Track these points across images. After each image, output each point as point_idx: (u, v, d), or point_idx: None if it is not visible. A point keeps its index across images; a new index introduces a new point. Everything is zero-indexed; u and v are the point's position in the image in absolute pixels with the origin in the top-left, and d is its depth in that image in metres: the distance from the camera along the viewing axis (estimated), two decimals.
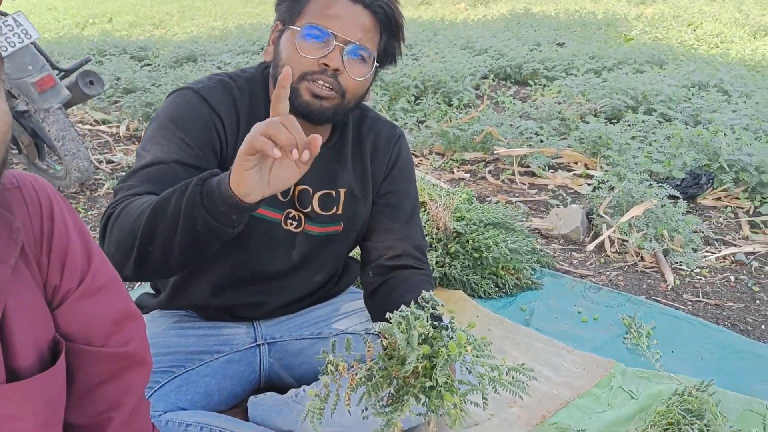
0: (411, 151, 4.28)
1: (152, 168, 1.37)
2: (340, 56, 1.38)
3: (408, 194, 1.68)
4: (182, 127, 1.41)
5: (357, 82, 1.42)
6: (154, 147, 1.40)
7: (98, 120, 4.98)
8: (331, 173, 1.58)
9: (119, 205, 1.30)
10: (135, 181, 1.37)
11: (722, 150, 3.62)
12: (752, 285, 2.66)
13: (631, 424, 1.79)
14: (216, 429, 1.45)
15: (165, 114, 1.44)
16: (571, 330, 2.29)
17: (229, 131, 1.46)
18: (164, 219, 1.21)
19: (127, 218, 1.26)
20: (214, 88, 1.47)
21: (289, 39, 1.41)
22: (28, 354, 0.86)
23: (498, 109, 5.39)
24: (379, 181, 1.65)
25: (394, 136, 1.67)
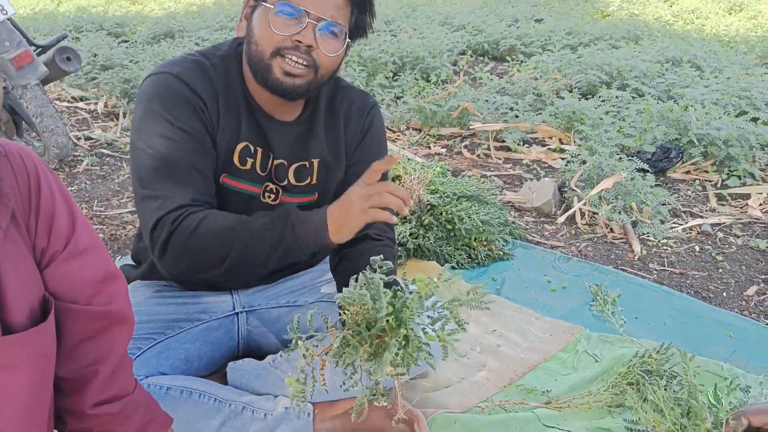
0: (389, 127, 4.35)
1: (169, 169, 1.41)
2: (312, 33, 1.41)
3: None
4: (177, 117, 1.43)
5: (330, 58, 1.46)
6: (158, 143, 1.42)
7: (76, 97, 4.96)
8: (304, 145, 1.62)
9: (183, 220, 1.38)
10: (160, 185, 1.41)
11: (692, 124, 3.71)
12: (716, 255, 2.76)
13: (594, 384, 1.88)
14: (196, 392, 1.51)
15: (152, 101, 1.45)
16: (540, 298, 2.38)
17: (211, 112, 1.48)
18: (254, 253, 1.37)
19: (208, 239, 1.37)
20: (191, 70, 1.48)
21: (261, 16, 1.44)
22: (20, 310, 0.91)
23: (475, 85, 5.44)
24: (352, 149, 1.68)
25: (367, 105, 1.70)
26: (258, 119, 1.55)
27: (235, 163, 1.53)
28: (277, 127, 1.57)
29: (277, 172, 1.60)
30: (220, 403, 1.52)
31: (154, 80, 1.47)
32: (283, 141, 1.58)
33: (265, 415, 1.55)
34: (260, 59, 1.43)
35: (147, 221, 1.42)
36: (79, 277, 1.01)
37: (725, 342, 2.11)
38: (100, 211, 2.99)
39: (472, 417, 1.70)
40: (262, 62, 1.43)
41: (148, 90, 1.47)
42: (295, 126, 1.59)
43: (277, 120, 1.57)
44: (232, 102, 1.52)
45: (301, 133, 1.61)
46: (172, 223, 1.38)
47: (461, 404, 1.77)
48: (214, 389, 1.55)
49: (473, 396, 1.81)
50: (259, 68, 1.44)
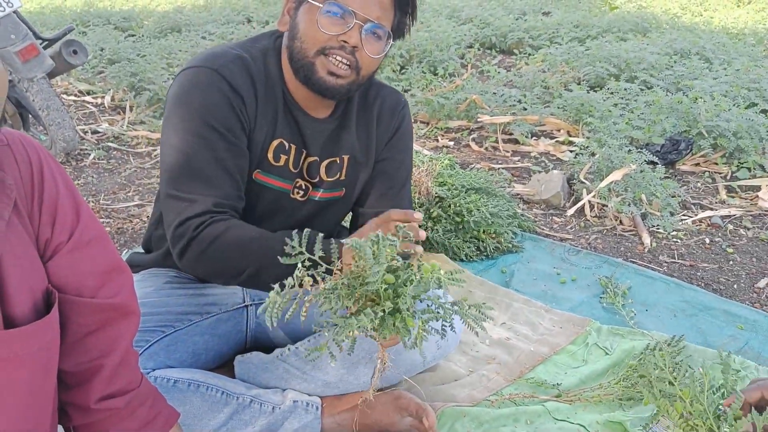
0: None
1: (200, 170, 1.41)
2: (358, 34, 1.40)
3: (403, 163, 1.72)
4: (215, 116, 1.41)
5: (373, 60, 1.45)
6: (193, 142, 1.41)
7: (83, 90, 4.96)
8: (337, 141, 1.61)
9: (207, 227, 1.38)
10: (189, 187, 1.40)
11: (701, 116, 3.68)
12: (726, 247, 2.74)
13: (605, 377, 1.86)
14: (203, 385, 1.50)
15: (190, 95, 1.43)
16: (549, 291, 2.36)
17: (249, 110, 1.47)
18: (272, 270, 1.33)
19: (230, 252, 1.38)
20: (233, 65, 1.46)
21: (307, 13, 1.42)
22: (23, 303, 0.90)
23: (483, 77, 5.41)
24: (382, 146, 1.68)
25: (399, 103, 1.70)
26: (294, 115, 1.54)
27: (269, 159, 1.53)
28: (311, 123, 1.56)
29: (310, 169, 1.60)
30: (227, 396, 1.51)
31: (194, 73, 1.45)
32: (317, 138, 1.58)
33: (272, 408, 1.54)
34: (304, 56, 1.42)
35: (171, 221, 1.43)
36: (84, 268, 1.00)
37: (736, 334, 2.09)
38: (107, 205, 2.99)
39: (482, 410, 1.69)
40: (306, 59, 1.42)
41: (186, 83, 1.45)
42: (329, 123, 1.59)
43: (312, 117, 1.56)
44: (271, 98, 1.51)
45: (334, 130, 1.60)
46: (194, 229, 1.39)
47: (470, 398, 1.75)
48: (222, 382, 1.54)
49: (482, 389, 1.80)
50: (302, 65, 1.43)
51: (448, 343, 1.78)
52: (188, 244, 1.40)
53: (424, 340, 1.15)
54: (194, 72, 1.45)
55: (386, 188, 1.67)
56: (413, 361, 1.71)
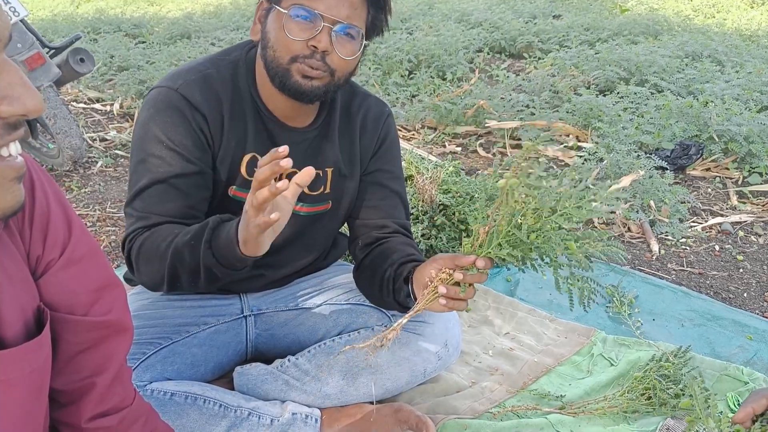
0: (403, 126, 4.32)
1: (152, 189, 1.42)
2: (328, 37, 1.37)
3: (394, 173, 1.69)
4: (170, 136, 1.42)
5: (346, 61, 1.41)
6: (148, 162, 1.43)
7: (92, 98, 4.99)
8: (318, 153, 1.58)
9: (136, 239, 1.41)
10: (140, 205, 1.43)
11: (712, 120, 3.64)
12: (737, 254, 2.70)
13: (609, 389, 1.84)
14: (201, 398, 1.49)
15: (151, 117, 1.44)
16: (555, 300, 2.33)
17: (213, 128, 1.46)
18: (185, 269, 1.33)
19: (149, 258, 1.38)
20: (194, 84, 1.45)
21: (275, 20, 1.40)
22: (14, 323, 0.88)
23: (491, 82, 5.38)
24: (367, 158, 1.66)
25: (383, 114, 1.67)
26: (268, 127, 1.52)
27: (242, 174, 1.51)
28: (288, 134, 1.53)
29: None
30: (225, 408, 1.50)
31: (156, 94, 1.46)
32: (295, 149, 1.54)
33: (271, 420, 1.53)
34: (278, 65, 1.40)
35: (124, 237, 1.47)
36: (76, 285, 0.98)
37: (745, 344, 2.05)
38: (113, 213, 3.00)
39: (483, 423, 1.67)
40: (281, 67, 1.40)
41: (149, 104, 1.46)
42: (309, 133, 1.56)
43: (290, 127, 1.53)
44: (239, 113, 1.49)
45: (314, 140, 1.58)
46: (127, 243, 1.43)
47: (472, 409, 1.73)
48: (220, 395, 1.53)
49: (485, 401, 1.78)
50: (277, 73, 1.41)
51: (449, 353, 1.76)
52: (128, 259, 1.43)
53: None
54: (156, 93, 1.46)
55: (379, 199, 1.65)
56: (414, 371, 1.70)
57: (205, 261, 1.28)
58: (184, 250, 1.31)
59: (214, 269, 1.28)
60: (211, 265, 1.28)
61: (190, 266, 1.31)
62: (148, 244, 1.38)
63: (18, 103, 0.73)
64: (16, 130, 0.75)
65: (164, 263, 1.34)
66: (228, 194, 1.52)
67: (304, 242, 1.69)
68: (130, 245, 1.42)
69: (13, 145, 0.76)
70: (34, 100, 0.74)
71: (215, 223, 1.29)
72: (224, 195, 1.51)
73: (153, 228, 1.41)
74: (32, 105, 0.74)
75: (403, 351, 1.67)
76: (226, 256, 1.25)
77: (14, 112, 0.73)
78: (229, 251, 1.23)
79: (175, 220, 1.42)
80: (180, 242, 1.32)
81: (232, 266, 1.27)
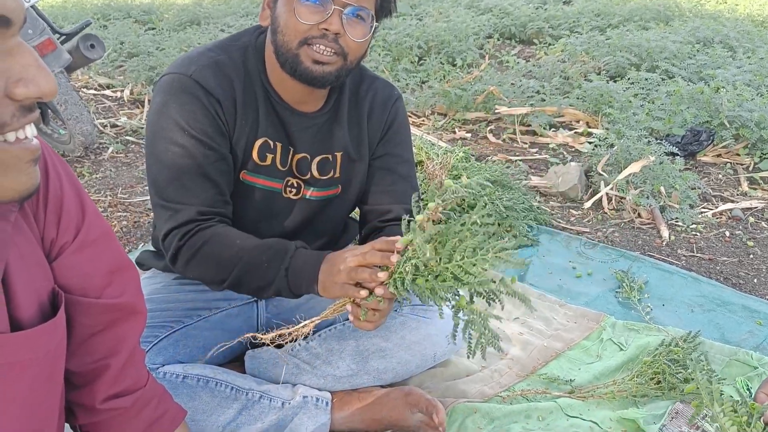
0: (413, 112, 4.31)
1: (181, 180, 1.43)
2: (339, 19, 1.36)
3: (403, 157, 1.68)
4: (190, 123, 1.42)
5: (358, 44, 1.41)
6: (171, 151, 1.43)
7: (102, 84, 5.00)
8: (328, 137, 1.58)
9: (188, 239, 1.43)
10: (171, 196, 1.44)
11: (723, 106, 3.61)
12: (747, 240, 2.69)
13: (618, 374, 1.84)
14: (213, 380, 1.50)
15: (167, 105, 1.43)
16: (565, 285, 2.34)
17: (227, 112, 1.46)
18: (252, 284, 1.42)
19: (208, 264, 1.43)
20: (207, 69, 1.45)
21: (286, 4, 1.39)
22: (29, 305, 0.88)
23: (501, 68, 5.36)
24: (375, 142, 1.65)
25: (392, 97, 1.66)
26: (278, 112, 1.52)
27: (254, 159, 1.51)
28: (299, 119, 1.53)
29: (299, 166, 1.57)
30: (237, 391, 1.52)
31: (169, 81, 1.45)
32: (305, 134, 1.55)
33: (282, 403, 1.54)
34: (288, 49, 1.39)
35: (159, 228, 1.47)
36: (90, 268, 0.99)
37: (755, 330, 2.05)
38: (125, 198, 3.01)
39: (493, 406, 1.67)
40: (290, 52, 1.39)
41: (162, 91, 1.45)
42: (318, 117, 1.56)
43: (299, 112, 1.53)
44: (251, 98, 1.49)
45: (324, 125, 1.57)
46: (180, 239, 1.43)
47: (482, 393, 1.74)
48: (231, 378, 1.54)
49: (494, 385, 1.79)
50: (287, 58, 1.40)
51: (459, 337, 1.76)
52: (176, 253, 1.44)
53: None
54: (169, 79, 1.45)
55: (388, 184, 1.64)
56: (424, 356, 1.70)
57: (278, 284, 1.39)
58: (255, 270, 1.40)
59: (283, 293, 1.40)
60: (282, 290, 1.40)
61: (259, 283, 1.41)
62: (206, 250, 1.41)
63: (33, 85, 0.73)
64: (31, 113, 0.76)
65: (228, 272, 1.41)
66: (240, 178, 1.52)
67: (315, 227, 1.69)
68: (179, 244, 1.43)
69: (28, 127, 0.77)
70: (49, 82, 0.75)
71: (293, 251, 1.39)
72: (236, 179, 1.52)
73: (210, 227, 1.43)
74: (47, 87, 0.74)
75: (413, 335, 1.68)
76: (299, 286, 1.37)
77: (30, 94, 0.73)
78: (305, 287, 1.37)
79: (209, 209, 1.44)
80: (251, 261, 1.40)
81: (299, 294, 1.40)
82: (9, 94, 0.73)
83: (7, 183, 0.77)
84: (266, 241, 1.42)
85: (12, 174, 0.77)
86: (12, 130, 0.74)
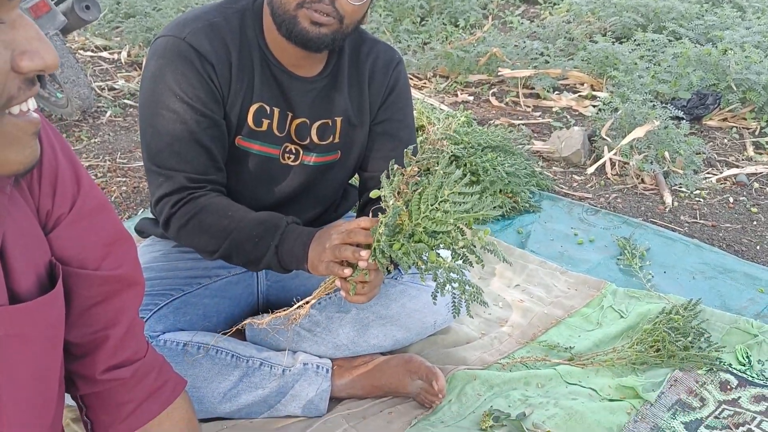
0: (414, 74, 4.25)
1: (173, 146, 1.42)
2: None
3: (404, 122, 1.66)
4: (183, 88, 1.40)
5: (354, 7, 1.38)
6: (164, 116, 1.41)
7: (99, 46, 4.93)
8: (328, 101, 1.56)
9: (180, 207, 1.42)
10: (163, 162, 1.43)
11: (731, 69, 3.55)
12: (751, 206, 2.67)
13: (618, 341, 1.84)
14: (213, 348, 1.51)
15: (160, 70, 1.42)
16: (566, 252, 2.33)
17: (221, 77, 1.44)
18: (241, 256, 1.41)
19: (200, 233, 1.42)
20: (201, 33, 1.42)
21: None
22: (27, 278, 0.88)
23: (505, 29, 5.27)
24: (376, 107, 1.63)
25: (393, 61, 1.63)
26: (277, 77, 1.49)
27: (249, 124, 1.49)
28: (297, 83, 1.51)
29: (298, 132, 1.54)
30: (237, 359, 1.52)
31: (163, 44, 1.43)
32: (304, 98, 1.53)
33: (283, 370, 1.55)
34: (285, 11, 1.37)
35: (151, 194, 1.47)
36: (87, 240, 0.98)
37: (757, 297, 2.05)
38: (123, 163, 2.99)
39: (492, 373, 1.68)
40: (288, 14, 1.36)
41: (156, 55, 1.43)
42: (318, 82, 1.54)
43: (298, 76, 1.51)
44: (247, 62, 1.47)
45: (323, 89, 1.55)
46: (172, 206, 1.43)
47: (482, 360, 1.75)
48: (232, 345, 1.55)
49: (494, 352, 1.79)
50: (284, 20, 1.38)
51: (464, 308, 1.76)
52: (167, 220, 1.44)
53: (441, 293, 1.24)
54: (163, 42, 1.43)
55: (389, 150, 1.62)
56: (424, 323, 1.71)
57: (268, 260, 1.38)
58: (245, 243, 1.39)
59: (274, 268, 1.40)
60: (272, 265, 1.39)
61: (249, 258, 1.40)
62: (198, 220, 1.41)
63: (38, 57, 0.72)
64: (34, 86, 0.75)
65: (219, 243, 1.40)
66: (235, 144, 1.51)
67: (314, 193, 1.68)
68: (171, 211, 1.43)
69: (30, 100, 0.76)
70: (52, 54, 0.74)
71: (283, 228, 1.37)
72: (231, 145, 1.50)
73: (202, 195, 1.43)
74: (51, 59, 0.73)
75: (413, 303, 1.68)
76: (289, 263, 1.37)
77: (34, 67, 0.72)
78: (295, 264, 1.37)
79: (201, 176, 1.43)
80: (242, 235, 1.39)
81: (288, 269, 1.39)
82: (15, 68, 0.72)
83: (12, 156, 0.76)
84: (259, 215, 1.41)
85: (17, 147, 0.76)
86: (17, 104, 0.74)
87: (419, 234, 1.20)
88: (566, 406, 1.55)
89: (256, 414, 1.54)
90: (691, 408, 1.60)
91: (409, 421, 1.53)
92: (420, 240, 1.21)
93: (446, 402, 1.59)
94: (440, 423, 1.54)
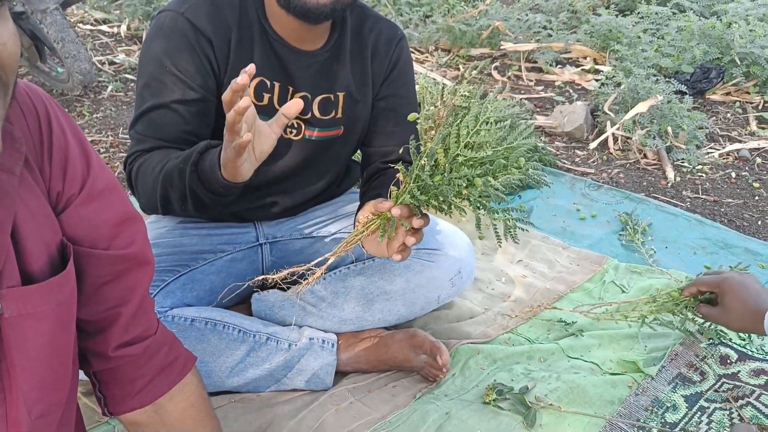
0: (416, 48, 4.23)
1: (153, 113, 1.43)
2: None
3: (407, 98, 1.67)
4: (173, 61, 1.41)
5: None
6: (151, 86, 1.43)
7: (98, 19, 4.89)
8: (330, 76, 1.56)
9: (135, 161, 1.42)
10: (141, 128, 1.44)
11: (735, 42, 3.53)
12: (753, 181, 2.68)
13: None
14: (220, 323, 1.53)
15: (155, 41, 1.44)
16: (568, 227, 2.34)
17: (219, 53, 1.45)
18: (174, 193, 1.32)
19: (145, 180, 1.39)
20: (201, 8, 1.43)
21: None
22: (39, 258, 0.89)
23: (507, 2, 5.22)
24: (379, 83, 1.63)
25: (396, 37, 1.64)
26: (277, 51, 1.49)
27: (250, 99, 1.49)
28: (298, 57, 1.51)
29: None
30: (244, 333, 1.54)
31: (162, 17, 1.45)
32: (305, 72, 1.53)
33: (289, 345, 1.57)
34: None
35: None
36: (97, 220, 0.99)
37: (757, 273, 2.06)
38: (126, 139, 2.99)
39: (495, 348, 1.71)
40: None
41: (154, 28, 1.45)
42: (320, 55, 1.53)
43: (300, 50, 1.51)
44: (247, 37, 1.47)
45: (325, 63, 1.55)
46: (129, 164, 1.44)
47: (485, 335, 1.77)
48: (239, 320, 1.57)
49: (497, 326, 1.81)
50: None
51: (463, 280, 1.78)
52: (129, 178, 1.45)
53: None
54: (163, 16, 1.45)
55: (392, 126, 1.63)
56: (428, 298, 1.72)
57: (191, 184, 1.26)
58: (173, 173, 1.30)
59: (200, 193, 1.27)
60: (196, 189, 1.26)
61: (179, 189, 1.30)
62: (144, 167, 1.40)
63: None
64: None
65: (157, 186, 1.35)
66: None
67: (317, 168, 1.69)
68: (129, 167, 1.45)
69: None
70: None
71: (204, 147, 1.27)
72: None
73: (151, 151, 1.42)
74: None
75: (418, 278, 1.70)
76: (210, 179, 1.23)
77: None
78: (212, 175, 1.22)
79: (173, 145, 1.42)
80: (171, 165, 1.32)
81: (215, 191, 1.25)
82: None
83: None
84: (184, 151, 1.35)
85: None
86: None
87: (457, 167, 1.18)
88: (568, 380, 1.58)
89: (263, 387, 1.57)
90: (691, 381, 1.62)
91: (413, 395, 1.56)
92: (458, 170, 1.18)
93: (450, 376, 1.62)
94: (444, 396, 1.56)
